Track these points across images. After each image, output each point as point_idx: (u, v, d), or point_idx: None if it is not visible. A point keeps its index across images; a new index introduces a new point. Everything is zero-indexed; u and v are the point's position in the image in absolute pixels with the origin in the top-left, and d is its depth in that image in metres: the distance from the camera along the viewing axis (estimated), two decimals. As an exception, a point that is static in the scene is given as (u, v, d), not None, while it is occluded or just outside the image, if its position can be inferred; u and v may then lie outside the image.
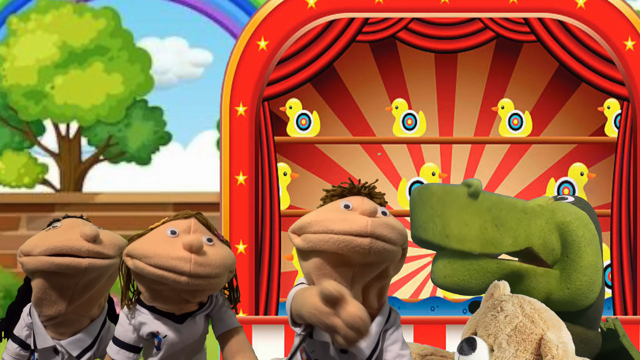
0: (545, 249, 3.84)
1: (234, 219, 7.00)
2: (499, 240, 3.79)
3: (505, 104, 7.59)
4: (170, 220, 3.64)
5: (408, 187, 7.57)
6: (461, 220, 3.76)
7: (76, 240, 3.79)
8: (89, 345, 3.97)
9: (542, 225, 3.84)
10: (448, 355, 3.86)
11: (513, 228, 3.81)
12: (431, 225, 3.78)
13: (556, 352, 3.23)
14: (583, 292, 3.82)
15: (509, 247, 3.80)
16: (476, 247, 3.77)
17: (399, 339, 3.53)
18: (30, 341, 4.00)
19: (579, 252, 3.82)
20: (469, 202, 3.77)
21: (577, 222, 3.84)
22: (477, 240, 3.77)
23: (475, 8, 7.18)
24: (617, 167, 7.24)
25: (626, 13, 7.08)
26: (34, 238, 3.89)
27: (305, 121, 7.56)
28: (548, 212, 3.87)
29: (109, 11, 14.07)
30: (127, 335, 3.68)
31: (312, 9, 7.14)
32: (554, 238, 3.84)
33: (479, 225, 3.77)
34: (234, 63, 7.11)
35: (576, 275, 3.82)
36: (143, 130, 14.35)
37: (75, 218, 3.97)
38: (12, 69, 13.69)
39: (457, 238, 3.76)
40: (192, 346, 3.69)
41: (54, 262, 3.77)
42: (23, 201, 13.28)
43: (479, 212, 3.78)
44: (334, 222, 3.36)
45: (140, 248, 3.55)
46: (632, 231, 7.15)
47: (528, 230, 3.82)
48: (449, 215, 3.76)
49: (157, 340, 3.63)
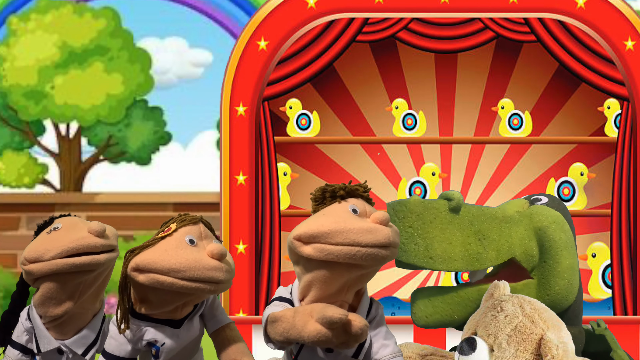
0: (526, 257, 3.81)
1: (234, 219, 7.00)
2: (483, 255, 3.74)
3: (505, 104, 7.59)
4: (179, 227, 3.54)
5: (408, 187, 7.57)
6: (444, 239, 3.69)
7: (89, 238, 3.77)
8: (92, 341, 3.95)
9: (521, 233, 3.80)
10: (448, 355, 3.86)
11: (496, 240, 3.76)
12: (413, 247, 3.71)
13: (556, 352, 3.23)
14: (563, 295, 3.80)
15: (492, 260, 3.77)
16: (461, 266, 3.72)
17: (381, 330, 3.51)
18: (32, 346, 3.96)
19: (556, 257, 3.79)
20: (450, 218, 3.70)
21: (554, 226, 3.80)
22: (462, 258, 3.72)
23: (475, 8, 7.18)
24: (617, 167, 7.24)
25: (626, 13, 7.08)
26: (38, 243, 3.82)
27: (305, 121, 7.56)
28: (526, 218, 3.83)
29: (109, 11, 14.06)
30: (122, 349, 3.61)
31: (312, 9, 7.14)
32: (533, 244, 3.81)
33: (462, 241, 3.72)
34: (234, 63, 7.11)
35: (555, 280, 3.79)
36: (143, 130, 14.34)
37: (68, 217, 3.95)
38: (12, 69, 13.68)
39: (442, 258, 3.70)
40: (189, 347, 3.68)
41: (73, 263, 3.73)
42: (23, 201, 13.27)
43: (461, 227, 3.72)
44: (360, 234, 3.31)
45: (163, 261, 3.44)
46: (632, 231, 7.14)
47: (510, 240, 3.78)
48: (431, 234, 3.68)
49: (155, 349, 3.59)
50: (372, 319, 3.50)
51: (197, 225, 3.56)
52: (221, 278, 3.45)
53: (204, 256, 3.46)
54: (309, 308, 3.37)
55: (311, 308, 3.36)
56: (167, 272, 3.43)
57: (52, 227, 3.87)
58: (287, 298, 3.50)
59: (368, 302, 3.51)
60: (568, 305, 3.84)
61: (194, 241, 3.50)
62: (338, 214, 3.38)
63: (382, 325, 3.52)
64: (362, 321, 3.32)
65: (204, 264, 3.43)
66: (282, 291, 3.55)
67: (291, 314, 3.39)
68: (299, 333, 3.34)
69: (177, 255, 3.44)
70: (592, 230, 7.35)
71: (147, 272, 3.45)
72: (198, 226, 3.56)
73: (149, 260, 3.46)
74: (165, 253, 3.46)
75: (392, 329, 3.64)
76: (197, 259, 3.44)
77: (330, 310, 3.28)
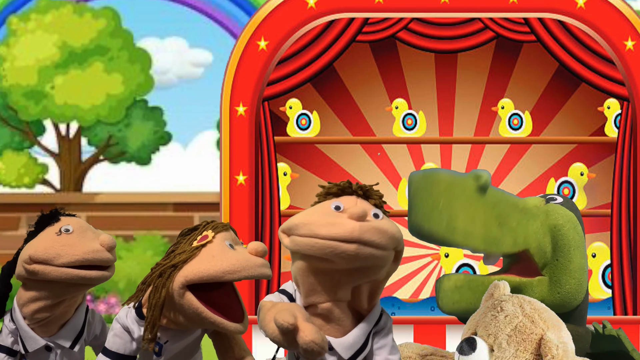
0: (539, 252, 3.85)
1: (234, 219, 7.00)
2: (501, 240, 3.78)
3: (505, 104, 7.59)
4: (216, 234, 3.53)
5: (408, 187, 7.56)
6: (468, 214, 3.72)
7: (102, 252, 3.74)
8: (79, 333, 3.94)
9: (537, 227, 3.84)
10: (448, 355, 3.86)
11: (513, 228, 3.80)
12: (436, 215, 3.72)
13: (556, 352, 3.23)
14: (573, 294, 3.84)
15: (509, 247, 3.80)
16: (479, 245, 3.75)
17: (388, 343, 3.48)
18: (18, 347, 3.92)
19: (568, 256, 3.83)
20: (476, 196, 3.73)
21: (569, 226, 3.85)
22: (481, 237, 3.75)
23: (475, 8, 7.18)
24: (617, 167, 7.24)
25: (626, 13, 7.08)
26: (48, 244, 3.76)
27: (305, 121, 7.56)
28: (542, 213, 3.87)
29: (109, 11, 14.07)
30: (126, 347, 3.61)
31: (312, 9, 7.14)
32: (546, 241, 3.84)
33: (484, 221, 3.75)
34: (234, 63, 7.11)
35: (566, 279, 3.83)
36: (143, 130, 14.34)
37: (74, 218, 3.90)
38: (12, 69, 13.68)
39: (463, 233, 3.72)
40: (190, 347, 3.68)
41: (85, 277, 3.71)
42: (23, 201, 13.28)
43: (485, 207, 3.75)
44: (320, 226, 3.28)
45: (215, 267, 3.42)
46: (632, 231, 7.15)
47: (526, 231, 3.82)
48: (457, 207, 3.71)
49: (158, 347, 3.60)
50: (380, 329, 3.49)
51: (229, 231, 3.58)
52: (269, 273, 3.49)
53: (250, 255, 3.47)
54: (282, 306, 3.37)
55: (281, 307, 3.36)
56: (222, 275, 3.41)
57: (63, 229, 3.80)
58: (288, 292, 3.51)
59: (379, 312, 3.50)
60: (577, 304, 3.88)
61: (233, 246, 3.52)
62: (316, 210, 3.38)
63: (388, 338, 3.50)
64: (311, 335, 3.24)
65: (254, 262, 3.45)
66: (287, 285, 3.57)
67: (269, 306, 3.40)
68: (264, 327, 3.37)
69: (226, 258, 3.44)
70: (592, 230, 7.35)
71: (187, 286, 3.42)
72: (230, 232, 3.58)
73: (199, 270, 3.43)
74: (213, 259, 3.45)
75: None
76: (247, 258, 3.45)
77: (282, 314, 3.26)
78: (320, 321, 3.42)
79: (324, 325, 3.42)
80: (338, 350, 3.42)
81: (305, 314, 3.33)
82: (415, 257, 7.45)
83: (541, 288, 3.81)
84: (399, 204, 7.50)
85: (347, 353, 3.42)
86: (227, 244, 3.50)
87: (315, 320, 3.41)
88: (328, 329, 3.41)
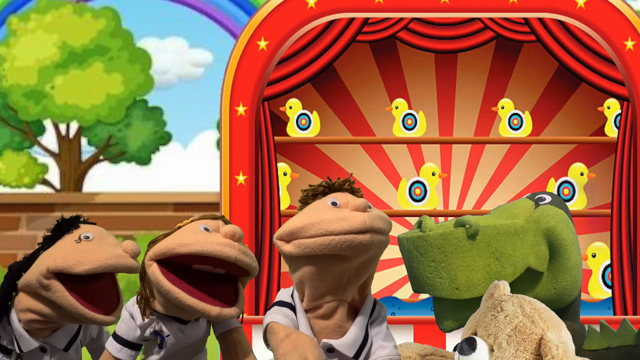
0: (540, 261, 3.84)
1: (234, 219, 7.00)
2: (502, 273, 3.76)
3: (505, 104, 7.59)
4: (197, 220, 3.58)
5: (408, 187, 7.56)
6: (466, 267, 3.71)
7: (126, 257, 3.65)
8: (74, 335, 3.91)
9: (531, 240, 3.82)
10: (448, 355, 3.86)
11: (511, 255, 3.79)
12: (438, 280, 3.71)
13: (556, 352, 3.22)
14: (568, 290, 3.85)
15: (511, 276, 3.79)
16: (484, 290, 3.72)
17: (382, 330, 3.51)
18: (13, 346, 3.88)
19: (565, 254, 3.83)
20: (469, 245, 3.72)
21: (561, 225, 3.84)
22: (484, 281, 3.74)
23: (475, 8, 7.17)
24: (617, 167, 7.23)
25: (626, 13, 7.07)
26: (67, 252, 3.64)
27: (305, 121, 7.56)
28: (533, 223, 3.84)
29: (109, 11, 14.07)
30: (130, 334, 3.65)
31: (312, 9, 7.14)
32: (543, 247, 3.84)
33: (482, 264, 3.74)
34: (234, 63, 7.11)
35: (562, 276, 3.83)
36: (143, 130, 14.34)
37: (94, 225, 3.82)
38: (12, 69, 13.68)
39: (467, 287, 3.72)
40: (194, 346, 3.69)
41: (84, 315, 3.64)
42: (23, 201, 13.27)
43: (480, 251, 3.74)
44: (332, 223, 3.30)
45: (174, 241, 3.44)
46: (632, 231, 7.14)
47: (522, 251, 3.80)
48: (454, 265, 3.69)
49: (160, 339, 3.62)
50: (374, 319, 3.50)
51: (216, 220, 3.59)
52: (232, 254, 3.43)
53: (215, 236, 3.45)
54: (298, 338, 3.33)
55: (299, 339, 3.32)
56: (175, 247, 3.42)
57: (83, 236, 3.71)
58: (287, 302, 3.49)
59: (372, 303, 3.52)
60: (571, 301, 3.88)
61: (209, 229, 3.51)
62: (315, 209, 3.39)
63: (382, 326, 3.52)
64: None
65: (212, 240, 3.42)
66: (282, 295, 3.54)
67: (283, 336, 3.37)
68: (276, 358, 3.34)
69: (186, 235, 3.46)
70: (592, 230, 7.35)
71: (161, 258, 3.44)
72: (217, 221, 3.58)
73: (162, 244, 3.47)
74: (177, 235, 3.48)
75: (392, 329, 3.64)
76: (208, 237, 3.44)
77: (291, 357, 3.23)
78: (321, 323, 3.42)
79: (325, 328, 3.42)
80: (342, 350, 3.42)
81: (318, 355, 3.27)
82: (415, 257, 7.44)
83: (536, 283, 3.81)
84: (399, 204, 7.50)
85: (350, 351, 3.43)
86: (202, 227, 3.50)
87: (316, 322, 3.41)
88: (328, 332, 3.42)
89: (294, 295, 3.50)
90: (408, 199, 7.52)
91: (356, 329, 3.43)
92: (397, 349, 3.53)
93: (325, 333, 3.41)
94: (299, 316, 3.46)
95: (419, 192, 7.54)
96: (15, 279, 3.84)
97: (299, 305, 3.46)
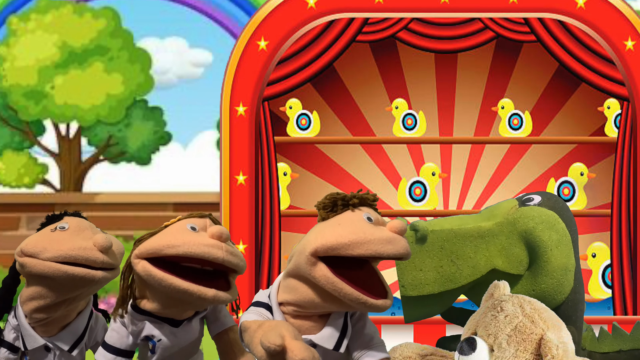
0: (511, 264, 3.84)
1: (234, 219, 7.00)
2: (457, 274, 3.80)
3: (505, 104, 7.59)
4: (184, 219, 3.56)
5: (408, 187, 7.56)
6: (414, 267, 3.78)
7: (91, 251, 3.68)
8: (79, 337, 3.92)
9: (502, 242, 3.82)
10: (448, 355, 3.86)
11: (471, 257, 3.80)
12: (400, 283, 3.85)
13: (556, 352, 3.22)
14: (550, 293, 3.83)
15: (467, 277, 3.82)
16: (434, 288, 3.79)
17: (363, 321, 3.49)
18: (19, 343, 3.92)
19: (545, 257, 3.82)
20: (418, 247, 3.81)
21: (542, 227, 3.82)
22: (434, 281, 3.79)
23: (475, 8, 7.18)
24: (617, 167, 7.24)
25: (626, 13, 7.08)
26: (39, 239, 3.76)
27: (305, 121, 7.56)
28: (508, 225, 3.85)
29: (109, 11, 14.06)
30: (122, 342, 3.63)
31: (312, 9, 7.14)
32: (518, 250, 3.83)
33: (434, 265, 3.79)
34: (234, 63, 7.11)
35: (542, 278, 3.82)
36: (143, 130, 14.34)
37: (78, 217, 3.89)
38: (12, 69, 13.68)
39: (412, 285, 3.79)
40: (188, 349, 3.67)
41: (66, 272, 3.66)
42: (23, 201, 13.27)
43: (430, 253, 3.80)
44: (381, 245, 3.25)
45: (161, 241, 3.44)
46: (632, 231, 7.14)
47: (487, 253, 3.81)
48: (401, 265, 3.82)
49: (152, 344, 3.60)
50: (354, 312, 3.49)
51: (204, 219, 3.56)
52: (219, 256, 3.41)
53: (202, 236, 3.44)
54: (270, 324, 3.32)
55: (271, 324, 3.31)
56: (162, 248, 3.42)
57: (59, 226, 3.79)
58: (263, 302, 3.48)
59: None
60: (557, 305, 3.86)
61: (196, 229, 3.49)
62: (354, 224, 3.30)
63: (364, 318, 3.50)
64: (301, 354, 3.19)
65: (199, 241, 3.42)
66: (260, 295, 3.53)
67: (255, 327, 3.36)
68: (252, 351, 3.34)
69: (173, 235, 3.45)
70: (592, 230, 7.35)
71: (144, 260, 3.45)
72: (204, 220, 3.56)
73: (148, 243, 3.47)
74: (163, 235, 3.47)
75: (392, 329, 3.65)
76: (195, 238, 3.43)
77: (268, 336, 3.21)
78: (299, 321, 3.42)
79: (303, 325, 3.41)
80: (321, 343, 3.41)
81: (293, 331, 3.27)
82: (415, 257, 7.45)
83: (512, 285, 3.81)
84: (399, 204, 7.50)
85: (329, 343, 3.41)
86: (189, 226, 3.49)
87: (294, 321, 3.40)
88: (307, 328, 3.41)
89: (271, 296, 3.48)
90: (408, 199, 7.52)
91: (333, 322, 3.42)
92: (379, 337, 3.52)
93: (304, 330, 3.40)
94: (275, 315, 3.43)
95: (419, 192, 7.54)
96: (17, 272, 3.91)
97: (276, 305, 3.45)
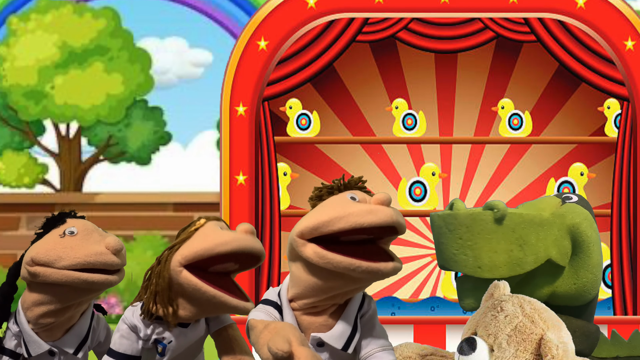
0: (561, 255, 3.90)
1: (234, 219, 7.00)
2: (523, 260, 3.85)
3: (505, 104, 7.59)
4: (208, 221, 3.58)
5: (408, 187, 7.57)
6: (490, 248, 3.82)
7: (107, 255, 3.63)
8: (83, 339, 3.90)
9: (555, 234, 3.89)
10: (448, 355, 3.86)
11: (534, 244, 3.86)
12: (462, 257, 3.83)
13: (556, 352, 3.22)
14: (587, 288, 3.91)
15: (532, 264, 3.86)
16: (505, 272, 3.82)
17: (373, 323, 3.50)
18: (21, 350, 3.85)
19: (588, 252, 3.90)
20: (495, 227, 3.83)
21: (586, 223, 3.92)
22: (505, 264, 3.82)
23: (475, 8, 7.18)
24: (617, 167, 7.24)
25: (626, 13, 7.08)
26: (49, 246, 3.68)
27: (305, 121, 7.56)
28: (558, 218, 3.92)
29: (109, 11, 14.07)
30: (132, 347, 3.60)
31: (312, 9, 7.14)
32: (566, 242, 3.90)
33: (506, 248, 3.83)
34: (234, 63, 7.11)
35: (584, 272, 3.90)
36: (143, 130, 14.35)
37: (82, 220, 3.85)
38: (12, 69, 13.69)
39: (489, 267, 3.81)
40: (193, 347, 3.67)
41: (87, 280, 3.62)
42: (23, 201, 13.28)
43: (505, 235, 3.83)
44: (361, 215, 3.26)
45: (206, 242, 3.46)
46: (632, 231, 7.15)
47: (545, 243, 3.87)
48: (479, 245, 3.82)
49: (162, 347, 3.59)
50: (364, 313, 3.49)
51: (221, 222, 3.61)
52: (260, 248, 3.50)
53: (241, 233, 3.49)
54: (277, 326, 3.32)
55: (277, 327, 3.31)
56: (214, 247, 3.42)
57: (68, 231, 3.72)
58: (272, 301, 3.48)
59: (360, 296, 3.51)
60: (590, 299, 3.95)
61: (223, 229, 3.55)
62: (336, 202, 3.36)
63: (373, 320, 3.51)
64: (307, 358, 3.20)
65: (244, 237, 3.46)
66: (269, 293, 3.54)
67: (261, 328, 3.36)
68: (258, 351, 3.35)
69: (218, 235, 3.47)
70: (592, 230, 7.34)
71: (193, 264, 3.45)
72: (221, 222, 3.61)
73: (193, 246, 3.46)
74: (206, 237, 3.48)
75: (392, 329, 3.64)
76: (237, 235, 3.48)
77: (275, 341, 3.21)
78: (310, 318, 3.42)
79: (313, 323, 3.42)
80: (330, 342, 3.41)
81: (300, 336, 3.27)
82: (415, 257, 7.45)
83: (557, 276, 3.86)
84: (399, 204, 7.50)
85: (339, 343, 3.42)
86: (219, 227, 3.54)
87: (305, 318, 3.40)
88: (317, 326, 3.41)
89: (281, 294, 3.49)
90: (408, 198, 7.52)
91: (344, 321, 3.42)
92: (388, 340, 3.53)
93: (314, 327, 3.40)
94: (285, 313, 3.44)
95: (419, 192, 7.54)
96: (15, 279, 3.86)
97: (286, 302, 3.45)
